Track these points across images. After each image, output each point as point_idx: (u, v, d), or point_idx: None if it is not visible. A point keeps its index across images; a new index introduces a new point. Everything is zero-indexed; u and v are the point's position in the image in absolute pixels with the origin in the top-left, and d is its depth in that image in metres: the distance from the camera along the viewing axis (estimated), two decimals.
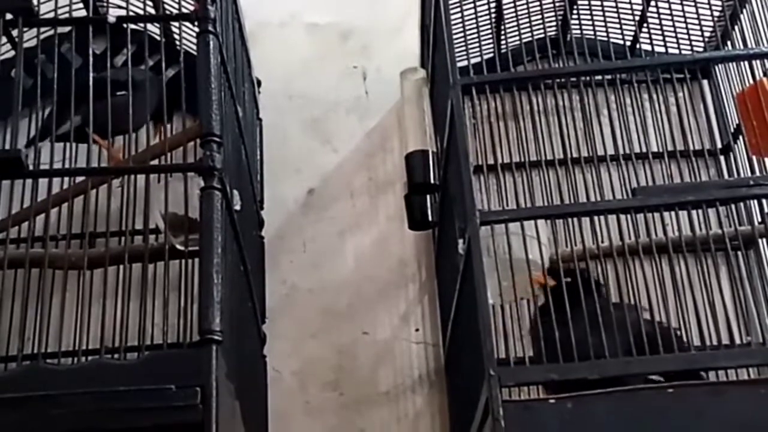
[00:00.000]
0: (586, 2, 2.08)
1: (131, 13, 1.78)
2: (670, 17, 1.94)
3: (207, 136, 1.49)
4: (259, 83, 2.41)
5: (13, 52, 1.95)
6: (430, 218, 2.15)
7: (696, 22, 1.93)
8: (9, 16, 1.61)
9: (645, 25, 2.06)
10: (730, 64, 2.08)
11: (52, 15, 1.66)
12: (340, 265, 2.32)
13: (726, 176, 2.21)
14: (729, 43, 2.11)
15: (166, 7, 1.91)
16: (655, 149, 1.87)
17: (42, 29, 1.69)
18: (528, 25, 2.05)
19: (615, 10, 2.02)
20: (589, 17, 2.14)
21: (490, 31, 2.18)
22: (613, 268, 1.65)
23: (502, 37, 2.21)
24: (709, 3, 1.95)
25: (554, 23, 2.23)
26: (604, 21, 2.08)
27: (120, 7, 1.83)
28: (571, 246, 1.78)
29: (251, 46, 2.24)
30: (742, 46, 1.92)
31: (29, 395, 1.32)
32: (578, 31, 2.21)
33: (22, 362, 1.49)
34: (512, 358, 1.57)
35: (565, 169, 1.74)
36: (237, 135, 1.82)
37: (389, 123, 2.47)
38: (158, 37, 1.69)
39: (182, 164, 1.59)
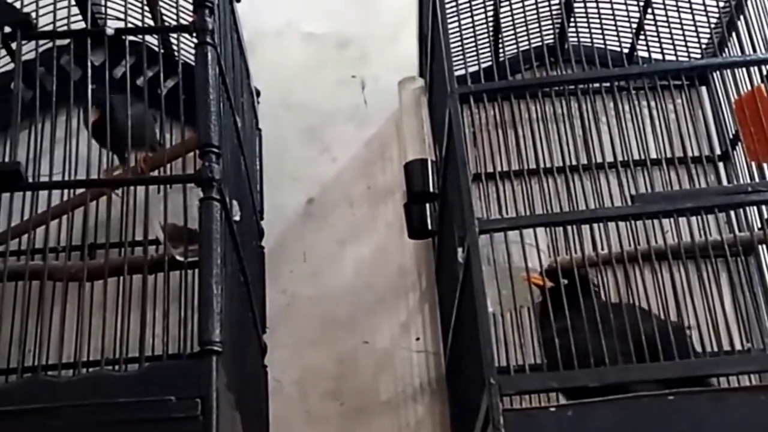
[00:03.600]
0: (584, 10, 2.08)
1: (129, 25, 1.78)
2: (667, 25, 1.95)
3: (205, 147, 1.49)
4: (258, 93, 2.42)
5: (12, 65, 1.96)
6: (429, 227, 2.15)
7: (693, 29, 1.94)
8: (8, 29, 1.62)
9: (642, 33, 2.07)
10: (728, 70, 2.08)
11: (50, 27, 1.66)
12: (340, 275, 2.32)
13: (725, 183, 2.21)
14: (726, 50, 2.11)
15: (165, 18, 1.92)
16: (653, 157, 1.88)
17: (41, 41, 1.69)
18: (525, 33, 2.06)
19: (612, 18, 2.03)
20: (586, 25, 2.14)
21: (487, 40, 2.18)
22: (613, 276, 1.65)
23: (500, 46, 2.22)
24: (705, 10, 1.95)
25: (551, 32, 2.24)
26: (602, 29, 2.08)
27: (119, 19, 1.83)
28: (570, 254, 1.78)
29: (249, 56, 2.24)
30: (739, 53, 1.92)
31: (29, 407, 1.31)
32: (575, 40, 2.22)
33: (23, 374, 1.49)
34: (512, 366, 1.57)
35: (564, 177, 1.74)
36: (236, 145, 1.83)
37: (388, 132, 2.47)
38: (157, 49, 1.70)
39: (181, 175, 1.59)
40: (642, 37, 2.07)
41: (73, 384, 1.35)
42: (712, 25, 2.00)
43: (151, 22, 1.91)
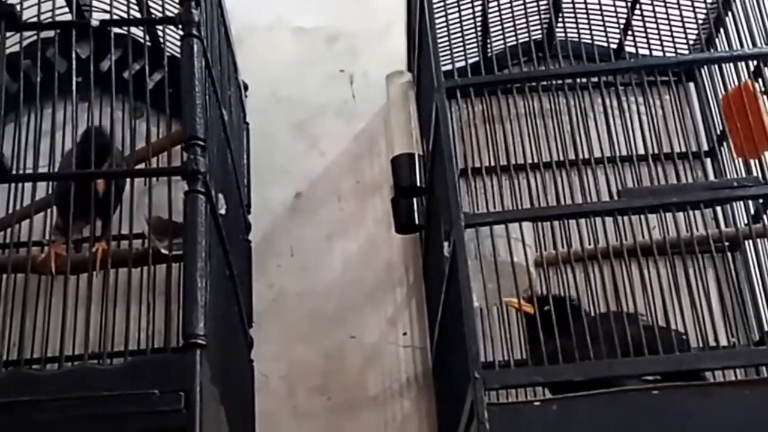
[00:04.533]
0: (571, 6, 2.08)
1: (115, 17, 1.77)
2: (654, 21, 1.95)
3: (191, 139, 1.48)
4: (245, 87, 2.41)
5: None
6: (416, 221, 2.15)
7: (680, 26, 1.94)
8: None
9: (630, 29, 2.07)
10: (715, 66, 2.08)
11: (35, 19, 1.65)
12: (327, 269, 2.32)
13: (712, 179, 2.21)
14: (714, 46, 2.11)
15: (151, 11, 1.91)
16: (640, 152, 1.88)
17: (26, 33, 1.68)
18: (513, 29, 2.05)
19: (600, 14, 2.03)
20: (574, 21, 2.14)
21: (475, 35, 2.18)
22: (599, 271, 1.65)
23: (488, 42, 2.22)
24: (693, 7, 1.95)
25: (539, 27, 2.23)
26: (589, 25, 2.08)
27: (105, 11, 1.82)
28: (556, 249, 1.78)
29: (238, 49, 2.23)
30: (726, 49, 1.92)
31: (13, 401, 1.31)
32: (563, 36, 2.21)
33: (6, 368, 1.48)
34: (498, 361, 1.57)
35: (551, 173, 1.74)
36: (222, 138, 1.82)
37: (376, 126, 2.47)
38: (143, 41, 1.69)
39: (166, 168, 1.58)
40: (630, 33, 2.07)
41: (57, 378, 1.34)
42: (700, 22, 2.00)
43: (138, 15, 1.90)
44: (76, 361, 1.49)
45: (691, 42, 2.05)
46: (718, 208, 2.04)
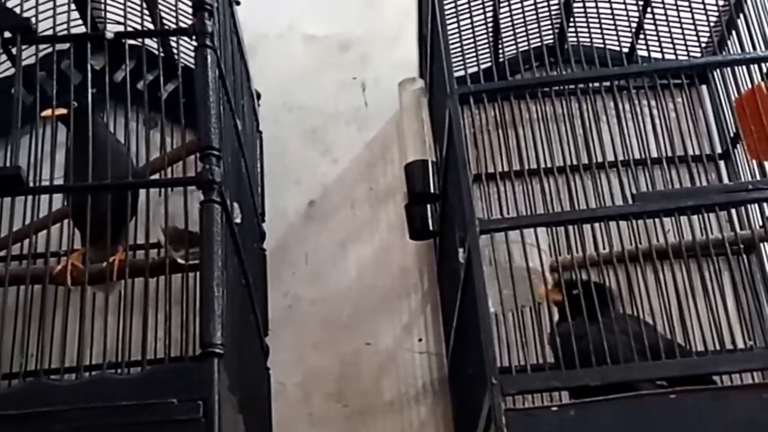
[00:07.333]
0: (583, 10, 2.08)
1: (129, 29, 1.78)
2: (666, 24, 1.95)
3: (206, 149, 1.49)
4: (258, 96, 2.42)
5: (12, 69, 1.96)
6: (430, 227, 2.16)
7: (692, 28, 1.93)
8: (8, 34, 1.62)
9: (642, 32, 2.07)
10: (728, 69, 2.08)
11: (50, 32, 1.67)
12: (342, 276, 2.32)
13: (726, 181, 2.21)
14: (726, 48, 2.11)
15: (164, 22, 1.92)
16: (654, 156, 1.87)
17: (41, 46, 1.69)
18: (525, 34, 2.06)
19: (611, 17, 2.03)
20: (585, 25, 2.14)
21: (487, 40, 2.18)
22: (614, 275, 1.65)
23: (500, 47, 2.22)
24: (705, 9, 1.95)
25: (551, 32, 2.24)
26: (601, 29, 2.08)
27: (118, 23, 1.83)
28: (571, 254, 1.78)
29: (250, 58, 2.24)
30: (739, 51, 1.92)
31: (32, 411, 1.32)
32: (575, 40, 2.22)
33: (25, 378, 1.49)
34: (514, 366, 1.56)
35: (565, 177, 1.74)
36: (236, 148, 1.83)
37: (389, 133, 2.47)
38: (157, 52, 1.70)
39: (182, 178, 1.59)
40: (641, 36, 2.07)
41: (76, 387, 1.35)
42: (712, 24, 2.00)
43: (151, 26, 1.91)
44: (95, 370, 1.50)
45: (703, 44, 2.05)
46: (733, 211, 2.04)
